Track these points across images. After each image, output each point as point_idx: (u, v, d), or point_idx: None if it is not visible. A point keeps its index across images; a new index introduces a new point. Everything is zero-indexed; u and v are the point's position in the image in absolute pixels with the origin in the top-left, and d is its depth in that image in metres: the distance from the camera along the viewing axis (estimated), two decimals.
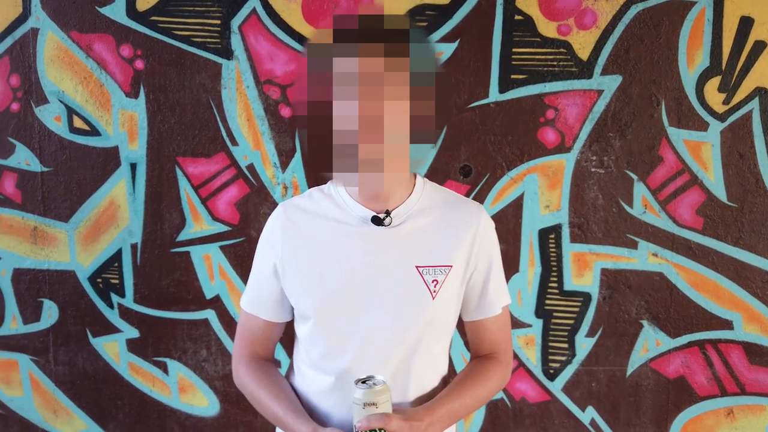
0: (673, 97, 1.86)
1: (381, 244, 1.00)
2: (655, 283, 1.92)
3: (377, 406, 0.89)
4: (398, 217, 1.01)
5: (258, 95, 1.90)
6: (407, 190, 1.04)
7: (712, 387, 1.96)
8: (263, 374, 1.07)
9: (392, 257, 1.00)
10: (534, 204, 1.92)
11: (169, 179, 1.95)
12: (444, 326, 1.06)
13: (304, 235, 1.03)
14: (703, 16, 1.83)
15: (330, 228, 1.02)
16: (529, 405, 2.00)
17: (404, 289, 1.00)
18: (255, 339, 1.10)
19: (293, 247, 1.03)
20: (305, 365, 1.08)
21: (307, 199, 1.07)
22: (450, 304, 1.04)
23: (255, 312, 1.09)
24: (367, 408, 0.88)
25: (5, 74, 1.92)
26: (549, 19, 1.85)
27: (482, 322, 1.09)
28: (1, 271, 2.02)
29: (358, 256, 1.00)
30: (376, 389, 0.89)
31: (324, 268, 1.01)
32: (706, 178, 1.88)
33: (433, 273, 1.01)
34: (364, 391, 0.89)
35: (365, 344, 1.00)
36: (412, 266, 1.00)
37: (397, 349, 1.00)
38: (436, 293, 1.00)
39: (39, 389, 2.08)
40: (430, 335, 1.03)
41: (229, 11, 1.87)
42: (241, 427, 2.06)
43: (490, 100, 1.88)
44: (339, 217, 1.02)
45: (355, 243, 1.01)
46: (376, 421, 0.88)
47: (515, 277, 1.94)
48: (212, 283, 2.00)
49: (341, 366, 1.01)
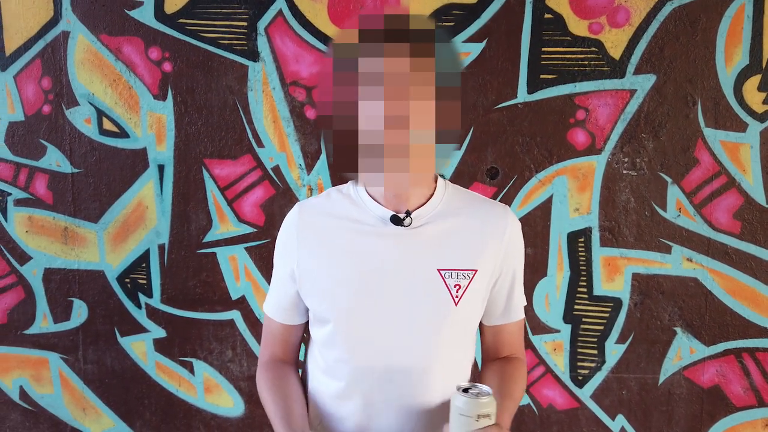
0: (710, 97, 1.80)
1: (400, 245, 0.97)
2: (689, 288, 1.86)
3: (491, 417, 0.86)
4: (419, 219, 0.98)
5: (284, 97, 1.90)
6: (428, 191, 1.01)
7: (749, 397, 1.90)
8: (274, 375, 1.06)
9: (412, 259, 0.97)
10: (563, 207, 1.88)
11: (196, 181, 1.96)
12: (467, 333, 1.03)
13: (321, 236, 1.01)
14: (742, 12, 1.77)
15: (347, 228, 0.99)
16: (556, 412, 1.96)
17: (424, 293, 0.97)
18: (275, 341, 1.10)
19: (309, 250, 1.01)
20: (318, 370, 1.06)
21: (325, 198, 1.05)
22: (474, 310, 1.02)
23: (272, 315, 1.09)
24: (481, 420, 0.85)
25: (37, 77, 1.95)
26: (580, 17, 1.81)
27: (505, 326, 1.07)
28: (33, 271, 2.06)
29: (376, 257, 0.98)
30: (488, 400, 0.86)
31: (341, 271, 0.99)
32: (744, 181, 1.82)
33: (456, 277, 0.97)
34: (477, 402, 0.85)
35: (383, 350, 0.98)
36: (434, 270, 0.97)
37: (417, 357, 0.98)
38: (459, 299, 0.97)
39: (68, 387, 2.11)
40: (451, 342, 1.00)
41: (256, 13, 1.88)
42: (266, 428, 2.06)
43: (518, 100, 1.85)
44: (357, 217, 1.00)
45: (374, 244, 0.98)
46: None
47: (543, 282, 1.91)
48: (238, 284, 2.01)
49: (356, 372, 0.99)
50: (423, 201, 0.99)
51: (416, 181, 0.91)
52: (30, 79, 1.95)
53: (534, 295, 1.90)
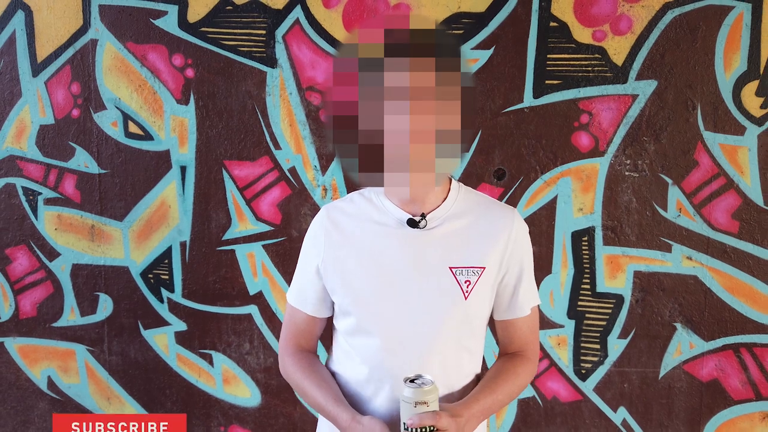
0: (709, 102, 1.87)
1: (417, 245, 1.06)
2: (689, 286, 1.93)
3: (428, 404, 0.93)
4: (433, 220, 1.07)
5: (300, 101, 1.99)
6: (443, 194, 1.09)
7: (747, 391, 1.96)
8: (307, 364, 1.15)
9: (427, 258, 1.06)
10: (567, 207, 1.95)
11: (217, 181, 2.06)
12: (477, 324, 1.11)
13: (345, 235, 1.10)
14: (740, 20, 1.83)
15: (369, 229, 1.08)
16: (560, 404, 2.04)
17: (438, 288, 1.05)
18: (299, 332, 1.18)
19: (335, 247, 1.10)
20: (344, 356, 1.14)
21: (349, 202, 1.14)
22: (482, 304, 1.10)
23: (299, 306, 1.16)
24: (418, 406, 0.93)
25: (67, 82, 2.05)
26: (584, 25, 1.88)
27: (512, 321, 1.14)
28: (61, 267, 2.16)
29: (395, 255, 1.06)
30: (427, 389, 0.94)
31: (363, 267, 1.07)
32: (742, 182, 1.88)
33: (466, 274, 1.06)
34: (414, 390, 0.94)
35: (401, 340, 1.06)
36: (446, 267, 1.06)
37: (432, 345, 1.06)
38: (469, 293, 1.06)
39: (94, 377, 2.21)
40: (463, 332, 1.09)
41: (274, 22, 1.97)
42: (281, 418, 2.16)
43: (524, 105, 1.92)
44: (378, 219, 1.09)
45: (393, 243, 1.07)
46: (428, 419, 0.93)
47: (548, 279, 1.98)
48: (255, 280, 2.10)
49: (378, 358, 1.07)
50: (438, 203, 1.08)
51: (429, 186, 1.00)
52: (60, 84, 2.05)
53: (539, 291, 1.97)
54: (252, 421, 2.16)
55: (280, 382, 2.13)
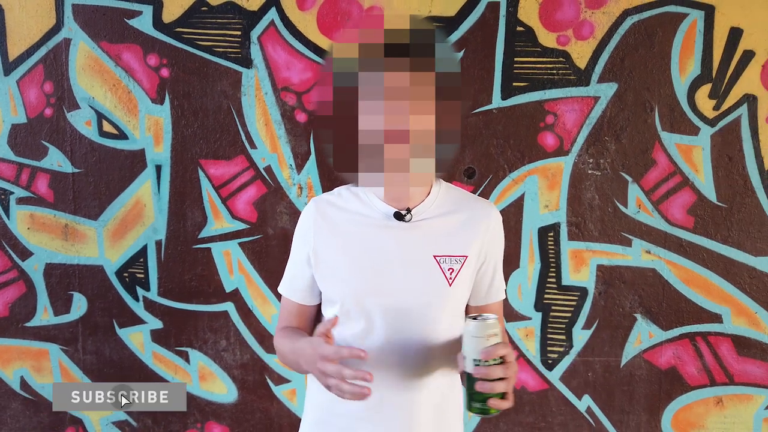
0: (666, 104, 1.97)
1: (403, 236, 1.12)
2: (648, 278, 2.03)
3: (498, 336, 0.99)
4: (418, 214, 1.13)
5: (275, 101, 2.03)
6: (426, 189, 1.15)
7: (702, 377, 2.07)
8: (291, 332, 1.20)
9: (412, 249, 1.12)
10: (534, 204, 2.03)
11: (192, 180, 2.08)
12: (458, 308, 1.18)
13: (334, 226, 1.15)
14: (694, 27, 1.93)
15: (357, 221, 1.14)
16: (528, 393, 2.12)
17: (423, 276, 1.12)
18: (291, 318, 1.23)
19: (324, 238, 1.15)
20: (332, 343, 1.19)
21: (337, 196, 1.19)
22: (464, 290, 1.16)
23: (289, 295, 1.22)
24: (490, 339, 0.97)
25: (39, 81, 2.05)
26: (549, 30, 1.96)
27: (488, 306, 1.22)
28: (34, 266, 2.15)
29: (382, 246, 1.12)
30: (491, 322, 0.99)
31: (351, 257, 1.13)
32: (696, 180, 1.99)
33: (449, 262, 1.12)
34: (485, 324, 0.98)
35: (389, 326, 1.12)
36: (431, 256, 1.12)
37: (417, 331, 1.12)
38: (453, 280, 1.12)
39: (68, 377, 2.21)
40: (447, 317, 1.15)
41: (249, 23, 2.00)
42: (258, 413, 2.19)
43: (493, 106, 2.00)
44: (364, 212, 1.14)
45: (380, 235, 1.12)
46: (501, 349, 0.98)
47: (516, 273, 2.06)
48: (231, 278, 2.12)
49: (369, 343, 1.12)
50: (422, 198, 1.14)
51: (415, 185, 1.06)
52: (32, 83, 2.05)
53: (507, 285, 2.05)
54: (229, 417, 2.19)
55: (257, 378, 2.16)
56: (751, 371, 2.04)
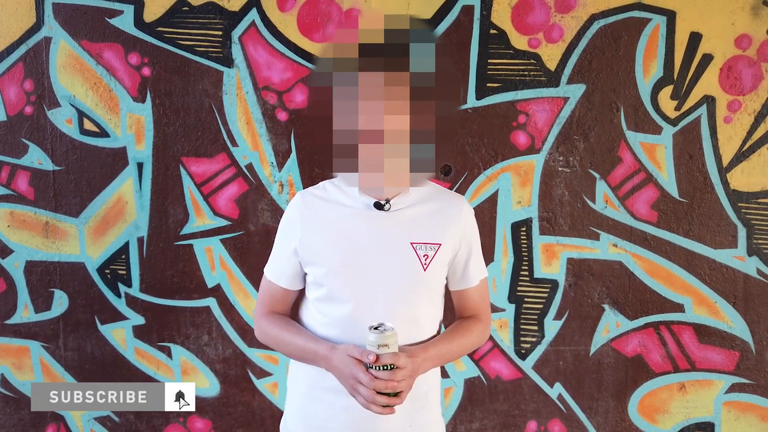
0: (631, 104, 2.06)
1: (382, 224, 1.20)
2: (615, 271, 2.13)
3: (389, 347, 1.08)
4: (396, 205, 1.21)
5: (257, 100, 2.07)
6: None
7: (666, 364, 2.18)
8: (282, 320, 1.28)
9: (391, 235, 1.20)
10: (507, 200, 2.12)
11: (174, 177, 2.11)
12: (434, 292, 1.26)
13: (319, 216, 1.22)
14: (657, 31, 2.03)
15: (340, 211, 1.22)
16: (503, 382, 2.20)
17: (401, 261, 1.20)
18: (274, 301, 1.30)
19: (310, 227, 1.22)
20: (316, 323, 1.25)
21: (321, 189, 1.27)
22: (439, 275, 1.25)
23: (275, 280, 1.28)
24: (380, 349, 1.07)
25: (19, 80, 2.05)
26: (521, 33, 2.04)
27: (464, 291, 1.30)
28: (14, 264, 2.15)
29: (363, 233, 1.20)
30: (387, 334, 1.08)
31: (335, 243, 1.20)
32: (660, 177, 2.09)
33: (424, 249, 1.21)
34: (377, 336, 1.08)
35: (370, 306, 1.19)
36: (407, 243, 1.20)
37: (395, 311, 1.19)
38: (427, 265, 1.20)
39: (49, 374, 2.21)
40: (422, 299, 1.23)
41: (230, 23, 2.04)
42: (240, 406, 2.23)
43: (467, 106, 2.07)
44: (347, 203, 1.22)
45: (361, 223, 1.20)
46: (388, 358, 1.07)
47: (490, 267, 2.14)
48: (213, 274, 2.16)
49: (349, 323, 1.19)
50: (400, 191, 1.22)
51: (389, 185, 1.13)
52: (12, 81, 2.05)
53: None
54: (211, 410, 2.22)
55: (239, 372, 2.20)
56: (711, 358, 2.15)
